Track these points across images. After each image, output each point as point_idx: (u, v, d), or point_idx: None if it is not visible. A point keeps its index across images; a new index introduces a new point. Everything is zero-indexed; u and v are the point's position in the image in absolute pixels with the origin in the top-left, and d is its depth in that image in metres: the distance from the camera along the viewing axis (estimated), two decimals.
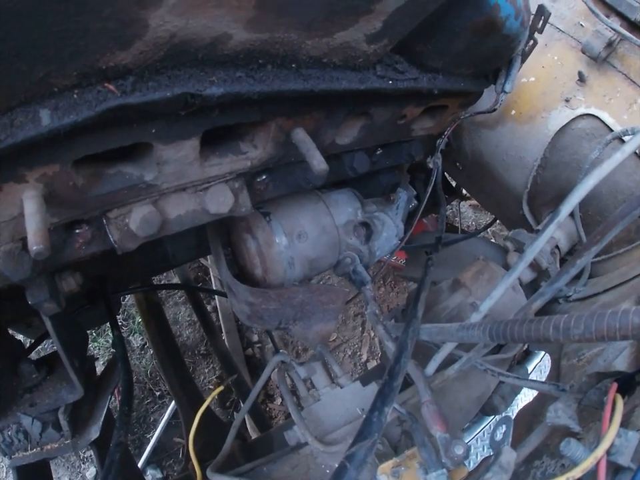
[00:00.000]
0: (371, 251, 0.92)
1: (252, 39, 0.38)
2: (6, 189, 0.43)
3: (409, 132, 0.76)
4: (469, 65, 0.67)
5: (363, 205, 0.93)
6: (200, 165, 0.50)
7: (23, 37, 0.30)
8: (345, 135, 0.64)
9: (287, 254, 0.79)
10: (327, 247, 0.84)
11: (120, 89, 0.36)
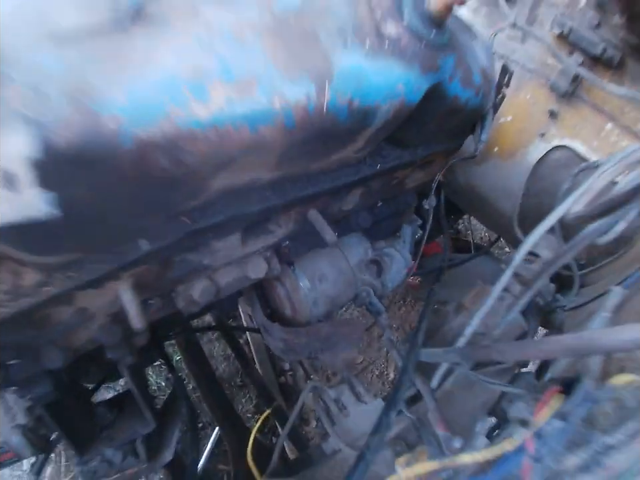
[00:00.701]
0: (384, 284, 1.13)
1: (274, 176, 0.61)
2: (106, 286, 0.66)
3: (403, 187, 0.97)
4: (444, 136, 0.88)
5: (372, 243, 1.14)
6: (241, 247, 0.73)
7: (138, 208, 0.53)
8: (348, 202, 0.85)
9: (310, 295, 1.00)
10: (344, 285, 1.06)
11: (191, 219, 0.59)
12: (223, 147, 0.52)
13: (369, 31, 0.63)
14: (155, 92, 0.47)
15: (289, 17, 0.57)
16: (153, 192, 0.52)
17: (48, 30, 0.43)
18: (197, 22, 0.51)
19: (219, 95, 0.50)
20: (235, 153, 0.53)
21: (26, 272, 0.54)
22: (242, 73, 0.52)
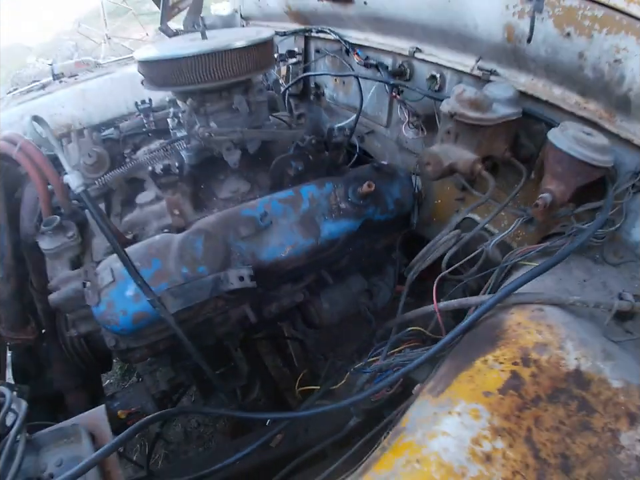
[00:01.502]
0: (375, 304, 2.19)
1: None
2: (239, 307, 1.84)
3: (374, 249, 2.07)
4: (386, 231, 1.98)
5: (368, 278, 2.21)
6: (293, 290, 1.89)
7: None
8: (343, 262, 1.97)
9: (329, 312, 2.09)
10: (350, 305, 2.13)
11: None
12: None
13: (334, 209, 1.76)
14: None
15: (305, 214, 1.72)
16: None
17: None
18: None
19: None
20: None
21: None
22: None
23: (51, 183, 1.89)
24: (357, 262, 2.09)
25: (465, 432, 0.83)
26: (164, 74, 1.79)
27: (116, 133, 2.21)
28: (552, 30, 1.33)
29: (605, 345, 1.03)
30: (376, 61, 2.07)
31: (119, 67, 3.59)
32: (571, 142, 1.24)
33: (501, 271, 1.40)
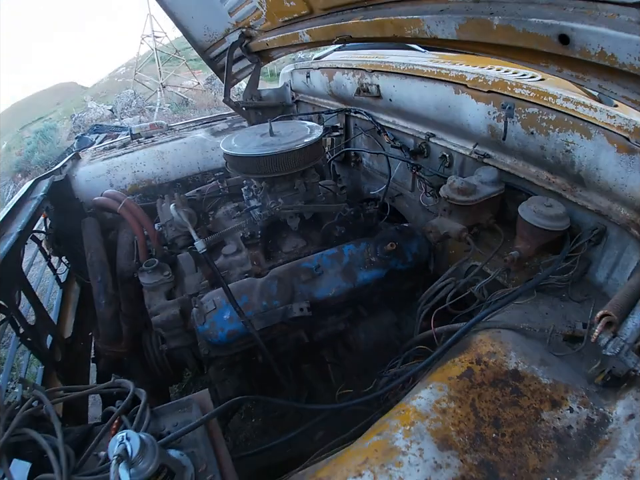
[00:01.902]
0: (403, 334, 2.74)
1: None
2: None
3: (403, 291, 2.64)
4: (408, 274, 2.55)
5: (397, 313, 2.78)
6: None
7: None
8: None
9: (365, 340, 2.63)
10: (382, 336, 2.67)
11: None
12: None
13: (367, 262, 2.36)
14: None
15: (346, 266, 2.34)
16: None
17: None
18: None
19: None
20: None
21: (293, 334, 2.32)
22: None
23: (148, 233, 2.65)
24: (388, 300, 2.64)
25: (432, 397, 1.35)
26: (246, 166, 2.51)
27: (198, 196, 2.99)
28: (520, 130, 1.95)
29: (544, 356, 1.48)
30: (401, 143, 2.74)
31: (188, 131, 4.44)
32: (532, 214, 1.79)
33: (486, 306, 1.92)
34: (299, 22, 2.67)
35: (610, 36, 1.12)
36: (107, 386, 1.72)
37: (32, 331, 2.45)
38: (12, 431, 1.45)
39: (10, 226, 2.58)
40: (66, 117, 29.44)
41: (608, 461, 1.15)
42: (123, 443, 1.18)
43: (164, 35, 28.12)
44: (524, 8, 1.33)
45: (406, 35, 1.77)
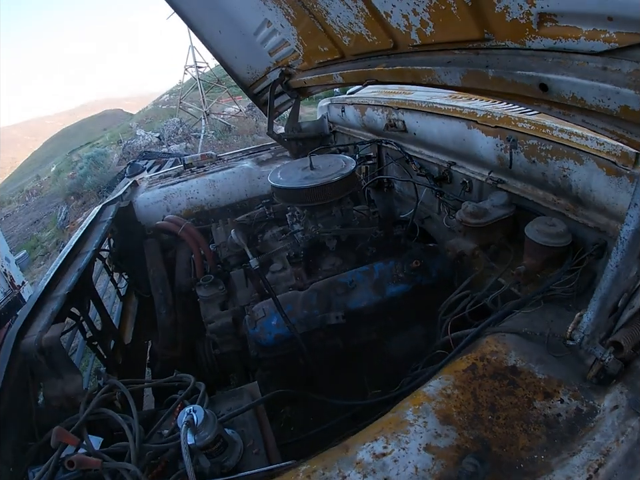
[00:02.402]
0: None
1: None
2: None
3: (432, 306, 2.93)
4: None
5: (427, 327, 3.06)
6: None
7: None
8: None
9: (395, 349, 2.93)
10: (412, 347, 2.97)
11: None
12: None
13: (395, 277, 2.67)
14: None
15: (376, 281, 2.66)
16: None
17: None
18: None
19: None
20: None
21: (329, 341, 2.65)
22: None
23: (204, 253, 3.09)
24: (419, 314, 2.88)
25: (440, 385, 1.60)
26: (290, 196, 2.99)
27: (247, 220, 3.41)
28: (524, 159, 2.24)
29: (542, 356, 1.61)
30: (426, 171, 3.07)
31: (235, 161, 4.91)
32: (535, 233, 2.03)
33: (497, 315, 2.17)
34: (332, 64, 3.04)
35: (578, 83, 1.36)
36: (170, 380, 2.08)
37: (99, 335, 2.88)
38: (91, 410, 1.80)
39: (85, 245, 3.06)
40: (113, 142, 30.95)
41: (588, 443, 1.30)
42: (191, 414, 1.53)
43: (206, 65, 29.39)
44: (513, 60, 1.60)
45: (422, 81, 2.09)
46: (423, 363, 2.37)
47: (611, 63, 1.28)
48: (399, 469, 1.27)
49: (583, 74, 1.35)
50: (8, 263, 5.78)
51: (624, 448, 1.26)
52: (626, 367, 1.47)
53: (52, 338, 2.07)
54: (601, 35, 1.25)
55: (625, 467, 1.24)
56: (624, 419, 1.34)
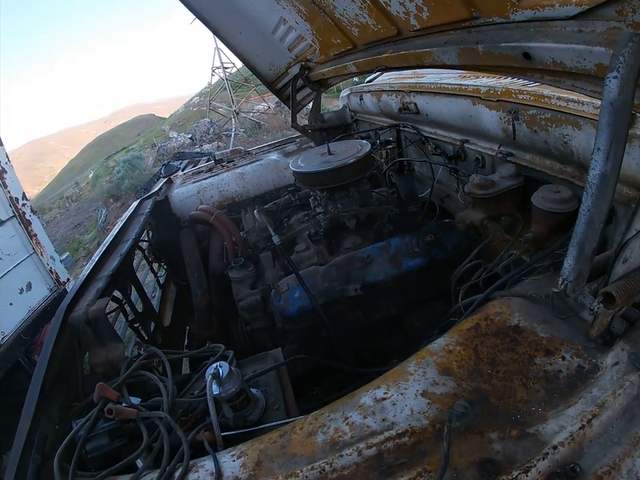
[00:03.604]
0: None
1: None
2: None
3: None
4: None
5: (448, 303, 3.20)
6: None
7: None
8: None
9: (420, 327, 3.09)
10: (433, 323, 3.11)
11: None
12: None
13: (411, 252, 2.82)
14: None
15: (393, 255, 2.82)
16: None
17: None
18: None
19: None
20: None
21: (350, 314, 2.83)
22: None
23: (235, 238, 3.34)
24: (440, 290, 3.02)
25: (443, 342, 1.68)
26: (310, 180, 3.19)
27: (274, 207, 3.64)
28: (526, 129, 2.34)
29: (546, 317, 1.62)
30: (441, 150, 3.20)
31: (263, 154, 5.16)
32: (541, 200, 2.12)
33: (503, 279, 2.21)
34: (346, 55, 3.23)
35: (555, 48, 1.47)
36: (203, 350, 2.27)
37: (140, 317, 3.16)
38: (130, 372, 2.02)
39: (125, 234, 3.35)
40: (147, 146, 31.79)
41: (585, 395, 1.32)
42: (217, 369, 1.74)
43: (232, 65, 29.84)
44: (499, 34, 1.73)
45: (424, 63, 2.25)
46: (437, 331, 2.52)
47: (585, 25, 1.39)
48: (396, 410, 1.39)
49: (560, 39, 1.46)
50: (53, 261, 6.08)
51: (621, 401, 1.28)
52: (631, 326, 1.47)
53: (98, 310, 2.33)
54: (572, 0, 1.37)
55: (622, 420, 1.25)
56: (623, 374, 1.35)
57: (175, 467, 1.50)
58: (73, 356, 2.27)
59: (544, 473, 1.16)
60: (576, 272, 1.51)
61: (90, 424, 1.74)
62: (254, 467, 1.39)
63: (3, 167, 5.60)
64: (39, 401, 1.89)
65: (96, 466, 1.71)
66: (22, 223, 5.73)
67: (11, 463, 1.66)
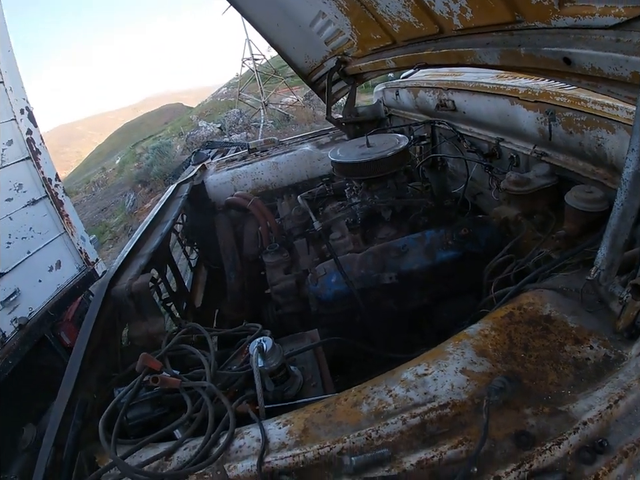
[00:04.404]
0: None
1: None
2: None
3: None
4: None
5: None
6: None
7: None
8: None
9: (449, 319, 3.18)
10: (463, 316, 3.20)
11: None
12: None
13: (445, 244, 2.90)
14: None
15: (427, 246, 2.92)
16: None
17: None
18: None
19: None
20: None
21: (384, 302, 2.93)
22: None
23: (270, 225, 3.48)
24: (470, 285, 3.08)
25: (479, 327, 1.74)
26: (349, 170, 3.31)
27: (309, 196, 3.73)
28: (561, 130, 2.40)
29: (576, 309, 1.71)
30: (476, 147, 3.27)
31: (296, 145, 5.27)
32: (574, 199, 2.18)
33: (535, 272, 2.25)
34: (384, 51, 3.33)
35: (595, 55, 1.57)
36: (240, 329, 2.40)
37: (174, 296, 3.30)
38: (172, 344, 2.14)
39: (164, 216, 3.52)
40: (174, 135, 32.23)
41: (612, 380, 1.40)
42: (261, 343, 1.86)
43: (262, 57, 30.03)
44: (541, 38, 1.82)
45: (466, 62, 2.34)
46: (469, 321, 2.60)
47: (622, 35, 1.49)
48: (437, 385, 1.50)
49: (599, 46, 1.56)
50: (83, 242, 6.25)
51: None
52: None
53: (142, 284, 2.47)
54: (612, 11, 1.46)
55: None
56: None
57: (220, 433, 1.60)
58: (113, 328, 2.39)
59: (575, 447, 1.26)
60: (609, 261, 1.63)
61: (133, 392, 1.84)
62: (300, 434, 1.49)
63: (38, 147, 5.76)
64: (81, 370, 1.98)
65: (135, 433, 1.82)
66: (54, 203, 5.88)
67: (50, 427, 1.76)
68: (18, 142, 5.55)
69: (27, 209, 5.50)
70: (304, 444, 1.45)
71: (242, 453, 1.51)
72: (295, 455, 1.42)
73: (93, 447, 1.76)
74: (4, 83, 5.36)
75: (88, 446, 1.76)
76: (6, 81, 5.38)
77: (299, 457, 1.41)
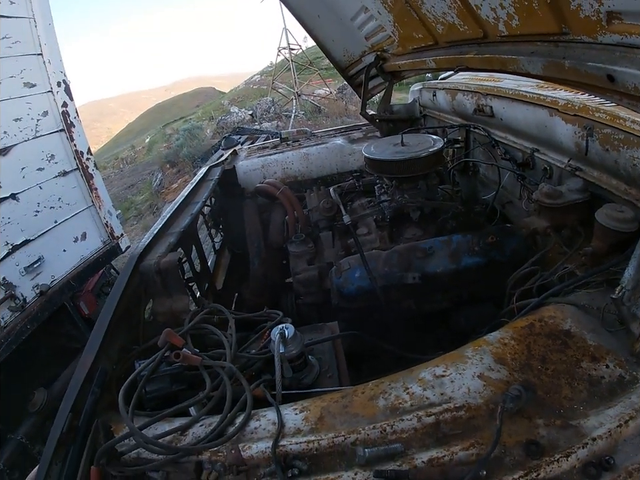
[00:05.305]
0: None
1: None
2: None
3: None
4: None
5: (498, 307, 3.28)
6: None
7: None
8: None
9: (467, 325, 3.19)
10: (481, 324, 3.21)
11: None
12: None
13: (471, 250, 2.91)
14: None
15: (453, 250, 2.93)
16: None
17: None
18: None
19: None
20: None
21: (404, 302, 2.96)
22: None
23: (298, 215, 3.54)
24: (492, 294, 3.06)
25: (499, 335, 1.75)
26: (382, 167, 3.34)
27: (338, 190, 3.80)
28: (598, 147, 2.37)
29: (596, 328, 1.73)
30: (510, 156, 3.27)
31: (329, 137, 5.32)
32: (604, 217, 2.15)
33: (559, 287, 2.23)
34: (425, 50, 3.33)
35: (638, 75, 1.57)
36: (261, 314, 2.46)
37: (197, 276, 3.35)
38: (195, 323, 2.20)
39: (194, 197, 3.60)
40: (205, 118, 32.49)
41: (624, 400, 1.43)
42: (283, 329, 1.92)
43: (298, 47, 30.05)
44: (586, 52, 1.81)
45: (508, 69, 2.33)
46: (488, 329, 2.61)
47: None
48: (454, 387, 1.55)
49: None
50: (110, 216, 6.35)
51: None
52: None
53: (170, 262, 2.53)
54: None
55: None
56: None
57: (236, 414, 1.65)
58: (138, 302, 2.45)
59: (582, 461, 1.30)
60: (634, 282, 1.65)
61: (154, 365, 1.90)
62: (316, 422, 1.55)
63: (72, 120, 5.85)
64: (104, 339, 2.04)
65: (152, 406, 1.88)
66: (84, 175, 5.97)
67: (70, 392, 1.80)
68: (53, 114, 5.65)
69: (57, 180, 5.61)
70: (319, 431, 1.50)
71: (257, 435, 1.56)
72: (309, 441, 1.47)
73: (109, 416, 1.82)
74: (42, 55, 5.47)
75: (104, 414, 1.82)
76: (45, 54, 5.49)
77: (313, 444, 1.46)
